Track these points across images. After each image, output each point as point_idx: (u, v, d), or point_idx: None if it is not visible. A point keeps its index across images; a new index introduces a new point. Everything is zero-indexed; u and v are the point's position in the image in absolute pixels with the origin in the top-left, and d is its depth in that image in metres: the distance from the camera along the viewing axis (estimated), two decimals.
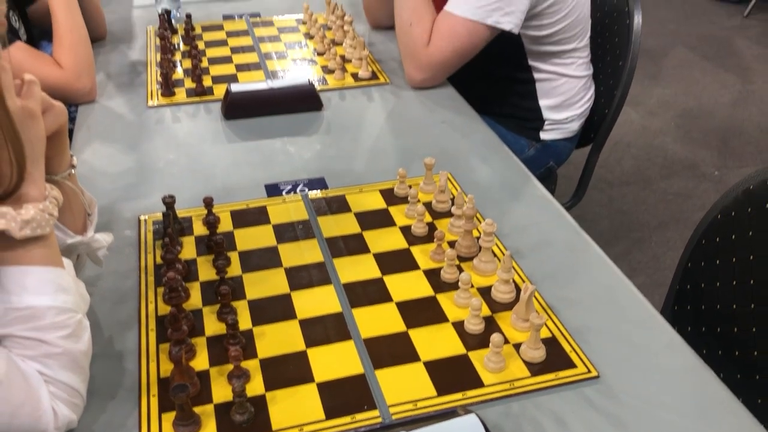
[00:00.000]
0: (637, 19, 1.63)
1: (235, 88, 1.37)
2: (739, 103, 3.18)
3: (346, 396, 0.75)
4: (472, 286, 0.92)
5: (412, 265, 0.96)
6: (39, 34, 1.65)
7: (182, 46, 1.66)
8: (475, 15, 1.41)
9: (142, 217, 1.05)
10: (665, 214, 2.44)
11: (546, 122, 1.62)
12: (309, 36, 1.74)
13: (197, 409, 0.72)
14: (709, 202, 2.44)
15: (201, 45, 1.67)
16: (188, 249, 0.98)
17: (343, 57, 1.61)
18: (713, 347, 1.04)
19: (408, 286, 0.92)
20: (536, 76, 1.59)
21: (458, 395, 0.75)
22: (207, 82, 1.48)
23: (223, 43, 1.69)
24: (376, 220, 1.06)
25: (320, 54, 1.64)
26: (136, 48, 1.67)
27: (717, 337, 1.04)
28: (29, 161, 0.67)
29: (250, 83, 1.45)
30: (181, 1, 1.84)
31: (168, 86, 1.43)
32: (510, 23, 1.42)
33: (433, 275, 0.94)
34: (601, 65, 1.70)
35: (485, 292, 0.91)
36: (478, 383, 0.77)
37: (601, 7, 1.73)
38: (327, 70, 1.57)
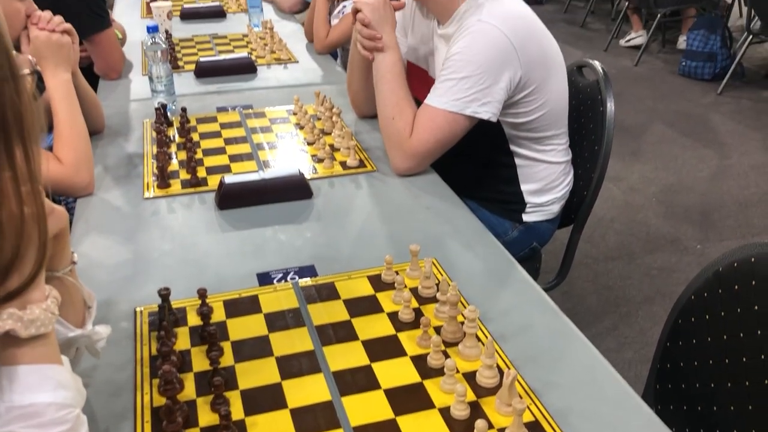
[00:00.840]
0: (610, 107, 1.72)
1: (228, 179, 1.43)
2: (717, 177, 3.29)
3: None
4: (458, 371, 0.95)
5: (400, 352, 0.99)
6: None
7: (177, 138, 1.73)
8: (454, 107, 1.49)
9: (138, 309, 1.09)
10: (650, 288, 2.49)
11: (528, 205, 1.68)
12: (299, 126, 1.82)
13: None
14: (692, 276, 2.49)
15: (196, 137, 1.74)
16: (182, 340, 1.02)
17: (332, 146, 1.68)
18: (695, 427, 1.07)
19: (396, 372, 0.95)
20: (517, 161, 1.66)
21: None
22: (201, 173, 1.55)
23: (216, 134, 1.77)
24: (365, 306, 1.10)
25: (310, 144, 1.71)
26: (132, 140, 1.74)
27: (698, 417, 1.07)
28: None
29: (242, 174, 1.51)
30: (176, 95, 1.93)
31: (164, 178, 1.49)
32: (488, 113, 1.50)
33: (420, 361, 0.97)
34: (579, 149, 1.78)
35: (470, 377, 0.94)
36: None
37: (576, 95, 1.82)
38: (317, 159, 1.63)
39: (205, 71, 2.20)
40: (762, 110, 4.08)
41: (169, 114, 1.83)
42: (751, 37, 4.26)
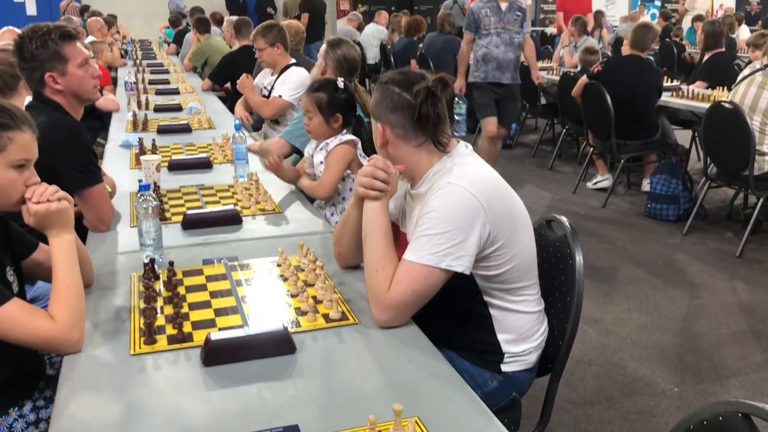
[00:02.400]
0: (579, 260, 1.82)
1: (214, 336, 1.47)
2: (688, 318, 3.37)
3: None
4: None
5: None
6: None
7: (164, 292, 1.77)
8: (430, 260, 1.58)
9: None
10: None
11: (506, 355, 1.73)
12: (283, 278, 1.88)
13: None
14: (671, 421, 2.51)
15: (182, 290, 1.79)
16: None
17: (314, 297, 1.74)
18: None
19: None
20: (492, 311, 1.73)
21: None
22: (187, 327, 1.58)
23: (202, 287, 1.82)
24: None
25: (294, 296, 1.77)
26: (120, 294, 1.79)
27: None
28: None
29: (228, 330, 1.55)
30: (164, 248, 2.00)
31: (150, 334, 1.52)
32: (461, 266, 1.59)
33: None
34: (552, 300, 1.86)
35: None
36: None
37: (546, 248, 1.93)
38: (300, 311, 1.68)
39: (191, 224, 2.29)
40: (726, 250, 4.25)
41: (156, 267, 1.88)
42: (709, 181, 4.51)
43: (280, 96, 3.92)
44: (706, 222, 4.74)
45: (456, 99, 5.26)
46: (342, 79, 2.69)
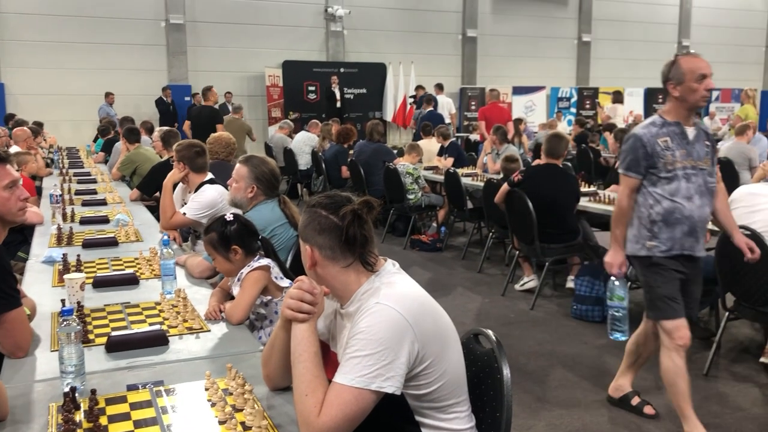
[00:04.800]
0: (506, 372, 1.85)
1: None
2: (618, 421, 3.42)
3: None
4: None
5: None
6: None
7: (85, 423, 1.70)
8: (360, 383, 1.59)
9: None
10: None
11: None
12: (211, 403, 1.83)
13: None
14: None
15: (104, 420, 1.72)
16: None
17: (243, 424, 1.70)
18: None
19: None
20: (424, 431, 1.73)
21: None
22: None
23: (126, 416, 1.76)
24: None
25: (222, 423, 1.72)
26: (36, 429, 1.70)
27: None
28: None
29: None
30: (86, 374, 1.93)
31: None
32: (392, 387, 1.60)
33: None
34: (482, 416, 1.87)
35: None
36: None
37: (474, 363, 1.96)
38: None
39: (116, 346, 2.22)
40: None
41: (77, 396, 1.81)
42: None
43: (184, 213, 3.94)
44: (631, 323, 4.88)
45: (613, 282, 3.28)
46: (232, 213, 2.75)
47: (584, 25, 18.74)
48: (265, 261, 2.65)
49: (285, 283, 2.64)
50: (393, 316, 1.63)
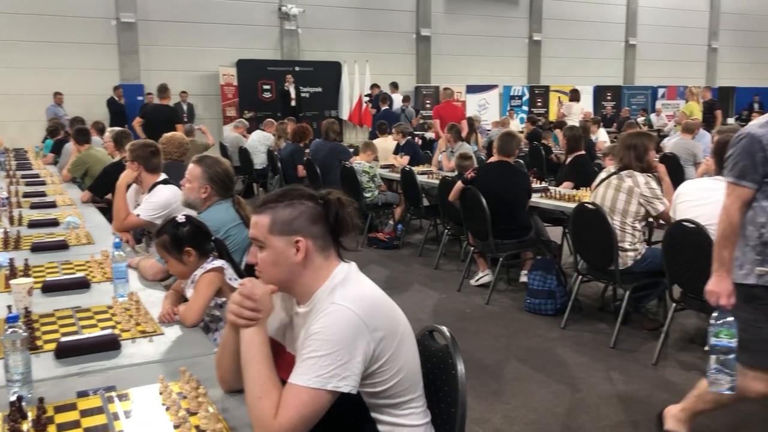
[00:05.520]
0: (460, 368, 1.88)
1: None
2: (572, 413, 3.50)
3: None
4: None
5: None
6: None
7: None
8: (316, 383, 1.59)
9: None
10: None
11: None
12: (165, 408, 1.81)
13: None
14: None
15: (52, 429, 1.69)
16: None
17: (198, 428, 1.69)
18: None
19: None
20: (380, 428, 1.75)
21: None
22: None
23: (76, 424, 1.72)
24: None
25: (176, 427, 1.70)
26: None
27: None
28: None
29: None
30: (33, 383, 1.89)
31: None
32: (348, 386, 1.62)
33: None
34: (438, 411, 1.89)
35: None
36: None
37: (430, 359, 1.98)
38: None
39: (65, 352, 2.17)
40: (601, 341, 4.48)
41: (24, 405, 1.77)
42: (580, 276, 4.80)
43: (138, 215, 3.89)
44: (582, 315, 5.01)
45: (721, 316, 2.59)
46: (184, 214, 2.73)
47: (535, 25, 19.04)
48: (218, 262, 2.63)
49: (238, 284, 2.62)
50: (348, 316, 1.64)
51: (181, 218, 2.65)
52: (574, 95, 13.35)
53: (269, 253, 1.77)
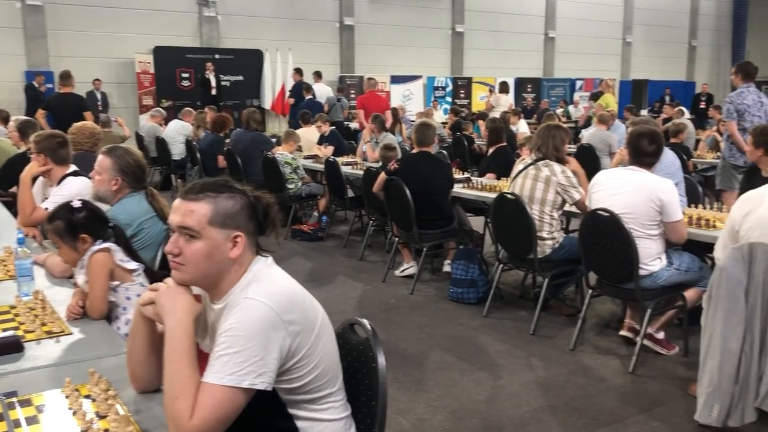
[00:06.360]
0: (381, 361, 1.86)
1: None
2: (493, 399, 3.56)
3: None
4: None
5: None
6: None
7: None
8: (231, 381, 1.54)
9: None
10: None
11: None
12: (72, 412, 1.72)
13: None
14: None
15: None
16: None
17: (107, 431, 1.61)
18: None
19: None
20: (298, 423, 1.72)
21: None
22: None
23: None
24: None
25: None
26: None
27: None
28: None
29: None
30: None
31: None
32: (264, 383, 1.58)
33: None
34: (358, 405, 1.87)
35: None
36: None
37: (350, 352, 1.96)
38: None
39: None
40: (521, 328, 4.58)
41: None
42: (501, 265, 4.89)
43: (46, 208, 3.71)
44: (503, 303, 5.11)
45: None
46: (79, 199, 2.62)
47: (457, 16, 19.24)
48: (106, 243, 2.52)
49: (132, 265, 2.52)
50: (262, 310, 1.59)
51: (76, 203, 2.52)
52: (503, 87, 13.60)
53: (204, 245, 1.67)
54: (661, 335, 4.08)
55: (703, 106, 16.22)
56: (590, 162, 7.68)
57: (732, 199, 3.69)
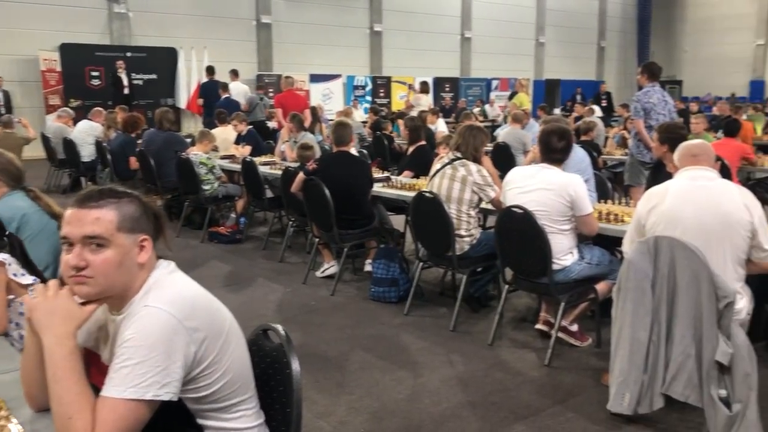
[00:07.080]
0: (295, 367, 1.82)
1: None
2: (413, 398, 3.57)
3: None
4: None
5: None
6: None
7: None
8: (134, 394, 1.47)
9: None
10: None
11: None
12: None
13: None
14: None
15: None
16: None
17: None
18: None
19: None
20: None
21: None
22: None
23: None
24: None
25: None
26: None
27: None
28: None
29: None
30: None
31: None
32: (169, 393, 1.51)
33: None
34: (272, 412, 1.83)
35: None
36: None
37: (264, 359, 1.90)
38: None
39: None
40: (441, 325, 4.62)
41: None
42: (421, 263, 4.92)
43: None
44: (423, 300, 5.14)
45: None
46: None
47: (375, 15, 19.33)
48: (0, 256, 2.39)
49: (27, 279, 2.40)
50: (164, 318, 1.52)
51: None
52: (424, 87, 13.71)
53: (114, 253, 1.58)
54: (574, 327, 4.20)
55: (605, 104, 16.83)
56: (506, 160, 7.87)
57: (639, 195, 3.83)
